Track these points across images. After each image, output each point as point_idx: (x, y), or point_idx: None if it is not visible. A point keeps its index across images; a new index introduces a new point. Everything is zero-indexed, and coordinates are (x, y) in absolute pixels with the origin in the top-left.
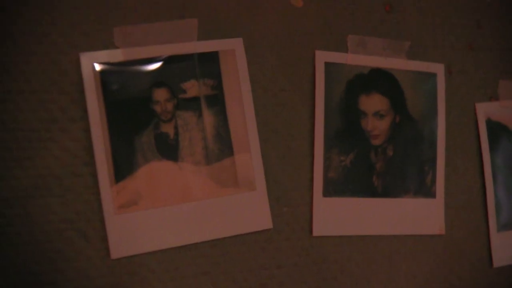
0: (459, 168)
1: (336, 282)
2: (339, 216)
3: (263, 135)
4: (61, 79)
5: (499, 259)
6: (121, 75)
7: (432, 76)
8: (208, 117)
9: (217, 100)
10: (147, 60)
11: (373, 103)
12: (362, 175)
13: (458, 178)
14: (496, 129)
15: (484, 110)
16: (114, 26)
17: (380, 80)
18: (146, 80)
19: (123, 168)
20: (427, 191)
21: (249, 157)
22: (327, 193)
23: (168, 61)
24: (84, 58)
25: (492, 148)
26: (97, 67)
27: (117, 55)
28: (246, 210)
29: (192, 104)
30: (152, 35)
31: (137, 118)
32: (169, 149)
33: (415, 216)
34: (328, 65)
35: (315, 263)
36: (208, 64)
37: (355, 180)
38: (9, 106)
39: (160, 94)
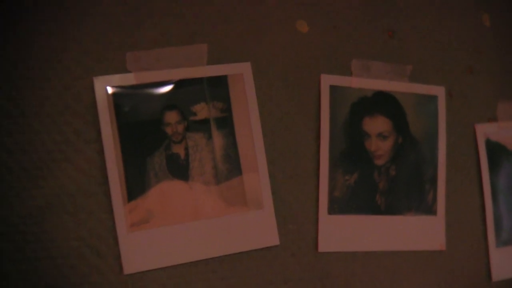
0: (459, 186)
1: None
2: (344, 233)
3: (270, 156)
4: (75, 102)
5: (498, 274)
6: (133, 98)
7: (433, 98)
8: (218, 138)
9: (226, 122)
10: (158, 83)
11: (376, 124)
12: (366, 193)
13: (459, 197)
14: (495, 149)
15: (484, 131)
16: (127, 51)
17: (383, 103)
18: (158, 103)
19: (135, 187)
20: (429, 209)
21: (257, 177)
22: (332, 211)
23: (179, 84)
24: (98, 82)
25: (491, 167)
26: (110, 90)
27: (129, 79)
28: (253, 227)
29: (202, 126)
30: (163, 59)
31: (149, 139)
32: (180, 169)
33: (417, 232)
34: (333, 88)
35: (320, 279)
36: (217, 88)
37: (359, 199)
38: (24, 128)
39: (171, 117)
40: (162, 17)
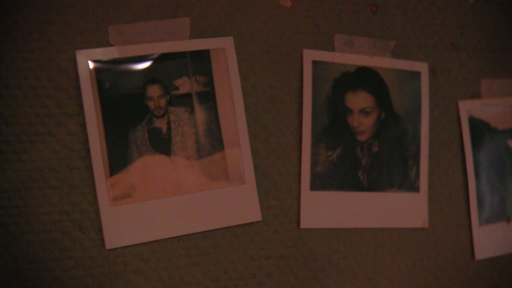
0: (442, 163)
1: (323, 272)
2: (326, 209)
3: (253, 131)
4: (58, 75)
5: (481, 252)
6: (116, 72)
7: (416, 74)
8: (200, 112)
9: (208, 97)
10: (141, 57)
11: (359, 100)
12: (348, 169)
13: (441, 174)
14: (478, 126)
15: (467, 108)
16: (109, 24)
17: (366, 78)
18: (140, 77)
19: (117, 161)
20: (411, 186)
21: (239, 151)
22: (314, 187)
23: (161, 58)
24: (80, 55)
25: (474, 144)
26: (93, 64)
27: (112, 52)
28: (236, 203)
29: (184, 100)
30: (146, 33)
31: (131, 113)
32: (162, 144)
33: (399, 209)
34: (315, 63)
35: (303, 255)
36: (200, 62)
37: (342, 175)
38: (8, 101)
39: (154, 91)
40: None
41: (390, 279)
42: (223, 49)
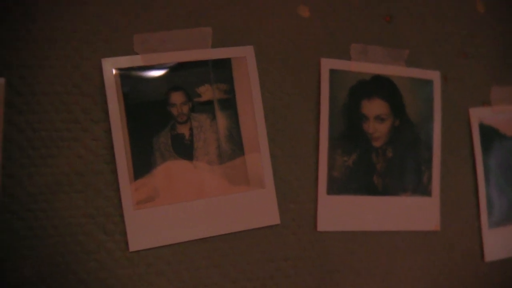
0: (453, 168)
1: (339, 274)
2: (342, 213)
3: (272, 136)
4: (84, 82)
5: (491, 254)
6: (140, 80)
7: (429, 82)
8: (221, 119)
9: (229, 104)
10: (164, 65)
11: (374, 107)
12: (363, 174)
13: (453, 178)
14: (488, 133)
15: (477, 115)
16: (134, 33)
17: (381, 86)
18: (163, 84)
19: (141, 166)
20: (424, 190)
21: (259, 156)
22: (331, 191)
23: (184, 66)
24: (106, 63)
25: (484, 150)
26: (117, 71)
27: (136, 60)
28: (255, 206)
29: (206, 107)
30: (169, 42)
31: (155, 119)
32: (184, 149)
33: (412, 213)
34: (332, 72)
35: (319, 257)
36: (221, 70)
37: (357, 179)
38: (34, 107)
39: (177, 98)
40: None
41: (402, 280)
42: (243, 57)
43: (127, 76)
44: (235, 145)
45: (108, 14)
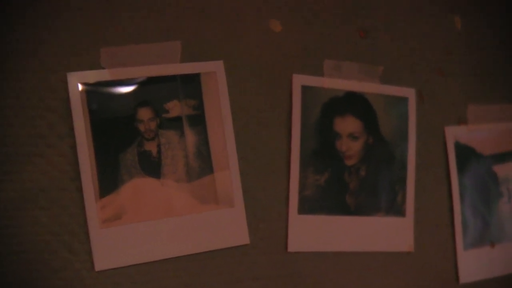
0: (428, 188)
1: None
2: (314, 233)
3: (242, 154)
4: (49, 96)
5: (466, 276)
6: (107, 95)
7: (404, 100)
8: (190, 136)
9: (198, 120)
10: (132, 80)
11: (347, 125)
12: (336, 194)
13: (427, 198)
14: (464, 152)
15: (453, 133)
16: (101, 46)
17: (354, 103)
18: (131, 99)
19: (107, 183)
20: (398, 210)
21: (228, 174)
22: (302, 210)
23: (152, 81)
24: (71, 77)
25: (460, 170)
26: (84, 86)
27: (103, 75)
28: (224, 226)
29: (175, 123)
30: (137, 56)
31: (121, 136)
32: (152, 166)
33: (386, 233)
34: (305, 88)
35: (290, 277)
36: (190, 85)
37: (329, 199)
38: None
39: (144, 113)
40: (137, 12)
41: None
42: (213, 72)
43: (93, 91)
44: (204, 163)
45: (76, 25)
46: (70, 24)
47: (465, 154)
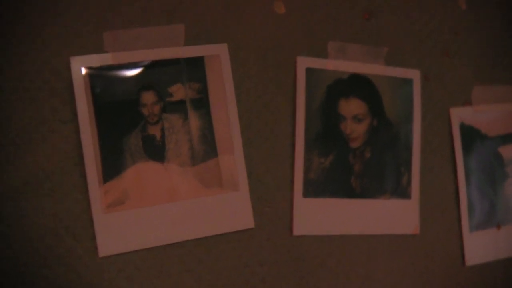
0: (433, 170)
1: (315, 278)
2: (319, 216)
3: (246, 137)
4: (53, 78)
5: (472, 258)
6: (110, 79)
7: (409, 81)
8: (194, 119)
9: (202, 103)
10: (135, 64)
11: (352, 107)
12: (340, 176)
13: (433, 180)
14: (469, 133)
15: (458, 115)
16: (104, 30)
17: (358, 85)
18: (134, 83)
19: (111, 168)
20: (403, 192)
21: (233, 158)
22: (307, 193)
23: (156, 65)
24: (74, 61)
25: (465, 151)
26: (87, 70)
27: (106, 59)
28: (229, 209)
29: (178, 107)
30: (140, 39)
31: (125, 120)
32: (156, 151)
33: (391, 216)
34: (309, 70)
35: (295, 261)
36: (194, 69)
37: (334, 181)
38: (3, 104)
39: (148, 97)
40: None
41: (381, 285)
42: (217, 55)
43: (96, 75)
44: (208, 146)
45: (79, 8)
46: (73, 6)
47: (471, 135)
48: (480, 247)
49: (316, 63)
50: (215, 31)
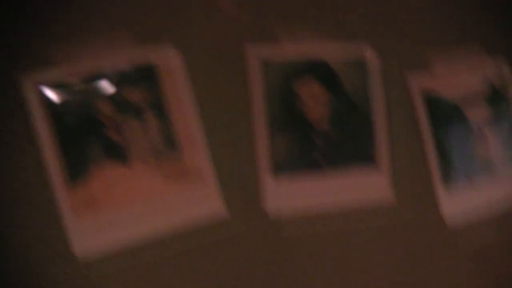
0: (400, 139)
1: (295, 261)
2: (290, 195)
3: (207, 127)
4: (3, 100)
5: (453, 219)
6: (63, 91)
7: (363, 54)
8: (152, 118)
9: (158, 103)
10: (87, 73)
11: (309, 88)
12: (306, 153)
13: (401, 149)
14: (429, 97)
15: (416, 80)
16: (51, 43)
17: (313, 65)
18: (88, 92)
19: (76, 177)
20: (372, 163)
21: (195, 151)
22: (275, 175)
23: (108, 72)
24: (25, 79)
25: (431, 117)
26: (39, 86)
27: (57, 71)
28: (198, 202)
29: (135, 109)
30: (88, 50)
31: (83, 129)
32: (117, 153)
33: (363, 188)
34: (261, 57)
35: (274, 245)
36: (147, 72)
37: (300, 159)
38: None
39: (104, 103)
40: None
41: (363, 261)
42: (167, 54)
43: (49, 90)
44: (169, 143)
45: (23, 23)
46: (14, 22)
47: (431, 99)
48: (458, 207)
49: (269, 48)
50: (162, 32)
